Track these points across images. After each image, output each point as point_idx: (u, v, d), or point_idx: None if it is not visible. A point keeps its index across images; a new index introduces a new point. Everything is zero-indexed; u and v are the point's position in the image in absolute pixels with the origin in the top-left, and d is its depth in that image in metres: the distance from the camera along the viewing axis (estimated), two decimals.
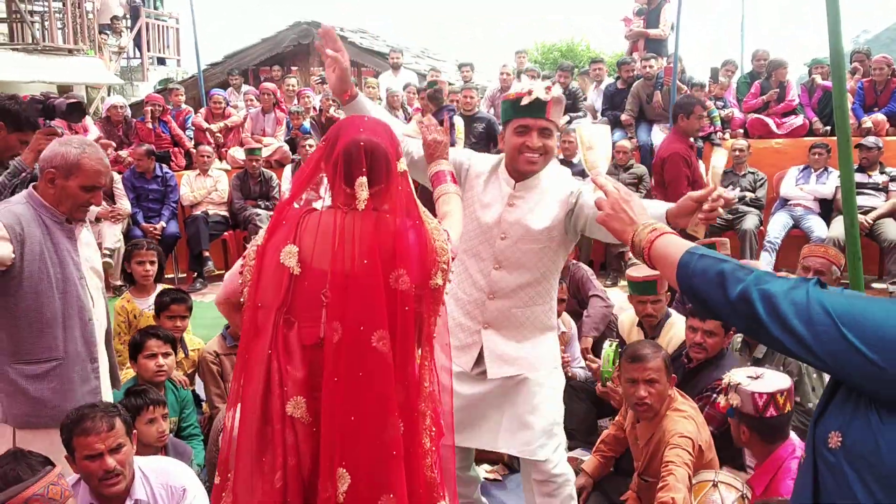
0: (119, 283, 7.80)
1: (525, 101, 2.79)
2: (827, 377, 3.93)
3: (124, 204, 8.13)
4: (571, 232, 2.94)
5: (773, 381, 2.92)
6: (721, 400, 2.94)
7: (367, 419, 2.07)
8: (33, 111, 3.72)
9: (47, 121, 3.79)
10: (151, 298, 4.75)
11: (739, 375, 2.95)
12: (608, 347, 4.05)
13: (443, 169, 2.66)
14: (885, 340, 1.35)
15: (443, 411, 2.28)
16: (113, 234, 7.87)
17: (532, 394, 2.98)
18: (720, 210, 2.40)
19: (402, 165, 2.21)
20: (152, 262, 4.83)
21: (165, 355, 3.88)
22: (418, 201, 2.24)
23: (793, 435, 3.00)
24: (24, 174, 3.55)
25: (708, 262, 1.60)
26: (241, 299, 2.22)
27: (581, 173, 8.10)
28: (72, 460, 2.72)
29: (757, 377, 2.93)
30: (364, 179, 2.09)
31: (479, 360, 2.99)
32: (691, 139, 6.51)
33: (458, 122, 8.49)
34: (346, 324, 2.06)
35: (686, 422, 3.18)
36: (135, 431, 2.82)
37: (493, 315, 2.97)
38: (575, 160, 8.11)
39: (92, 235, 3.19)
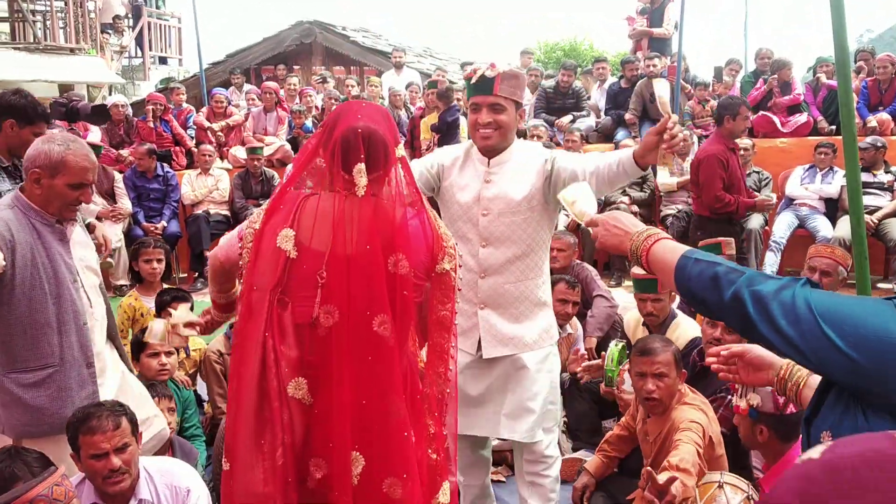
0: (122, 282, 7.79)
1: (474, 80, 2.92)
2: None
3: (125, 203, 8.11)
4: (552, 201, 3.00)
5: None
6: (740, 403, 2.88)
7: (375, 402, 2.10)
8: (56, 113, 3.65)
9: (70, 123, 3.73)
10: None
11: None
12: (613, 347, 4.02)
13: None
14: (863, 337, 1.39)
15: (450, 396, 2.30)
16: (114, 234, 7.83)
17: (533, 380, 3.05)
18: (680, 135, 2.61)
19: (401, 151, 2.22)
20: (160, 260, 4.84)
21: (168, 354, 3.86)
22: (421, 188, 2.23)
23: None
24: None
25: (703, 266, 1.66)
26: (238, 280, 2.23)
27: None
28: (77, 459, 2.71)
29: None
30: (362, 166, 2.09)
31: (481, 343, 3.05)
32: (735, 140, 6.50)
33: (463, 122, 8.45)
34: (350, 307, 2.08)
35: (696, 412, 3.16)
36: (140, 431, 2.79)
37: (487, 294, 3.03)
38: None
39: (86, 233, 3.13)
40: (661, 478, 2.56)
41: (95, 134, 9.16)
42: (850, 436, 0.94)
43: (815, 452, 0.88)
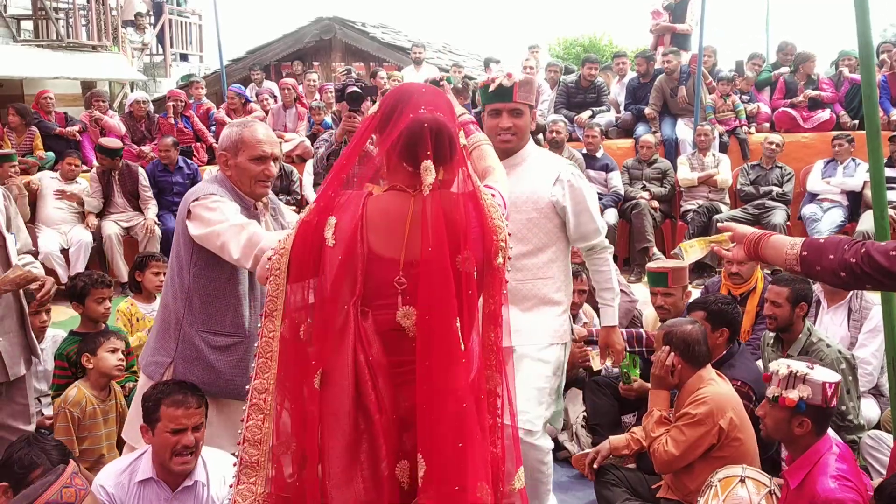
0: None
1: (492, 89, 3.13)
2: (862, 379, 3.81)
3: (150, 211, 8.04)
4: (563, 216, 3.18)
5: (826, 372, 2.80)
6: (790, 394, 2.77)
7: (450, 405, 2.01)
8: (337, 95, 4.42)
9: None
10: (156, 304, 4.64)
11: (800, 366, 2.79)
12: None
13: (466, 118, 2.53)
14: None
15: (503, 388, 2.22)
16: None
17: (529, 368, 3.11)
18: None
19: (463, 139, 2.15)
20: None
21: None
22: (474, 176, 2.12)
23: (829, 430, 2.89)
24: (331, 146, 4.37)
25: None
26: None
27: (604, 167, 8.06)
28: (148, 429, 2.77)
29: (812, 367, 2.79)
30: (430, 163, 1.98)
31: None
32: None
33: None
34: (431, 310, 2.00)
35: (717, 387, 3.28)
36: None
37: None
38: (598, 154, 8.09)
39: (276, 224, 3.19)
40: None
41: (118, 130, 9.22)
42: None
43: None
